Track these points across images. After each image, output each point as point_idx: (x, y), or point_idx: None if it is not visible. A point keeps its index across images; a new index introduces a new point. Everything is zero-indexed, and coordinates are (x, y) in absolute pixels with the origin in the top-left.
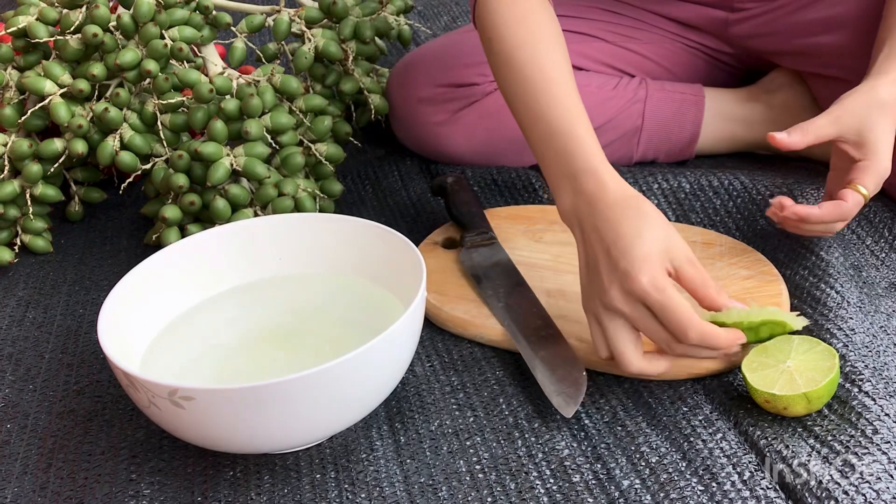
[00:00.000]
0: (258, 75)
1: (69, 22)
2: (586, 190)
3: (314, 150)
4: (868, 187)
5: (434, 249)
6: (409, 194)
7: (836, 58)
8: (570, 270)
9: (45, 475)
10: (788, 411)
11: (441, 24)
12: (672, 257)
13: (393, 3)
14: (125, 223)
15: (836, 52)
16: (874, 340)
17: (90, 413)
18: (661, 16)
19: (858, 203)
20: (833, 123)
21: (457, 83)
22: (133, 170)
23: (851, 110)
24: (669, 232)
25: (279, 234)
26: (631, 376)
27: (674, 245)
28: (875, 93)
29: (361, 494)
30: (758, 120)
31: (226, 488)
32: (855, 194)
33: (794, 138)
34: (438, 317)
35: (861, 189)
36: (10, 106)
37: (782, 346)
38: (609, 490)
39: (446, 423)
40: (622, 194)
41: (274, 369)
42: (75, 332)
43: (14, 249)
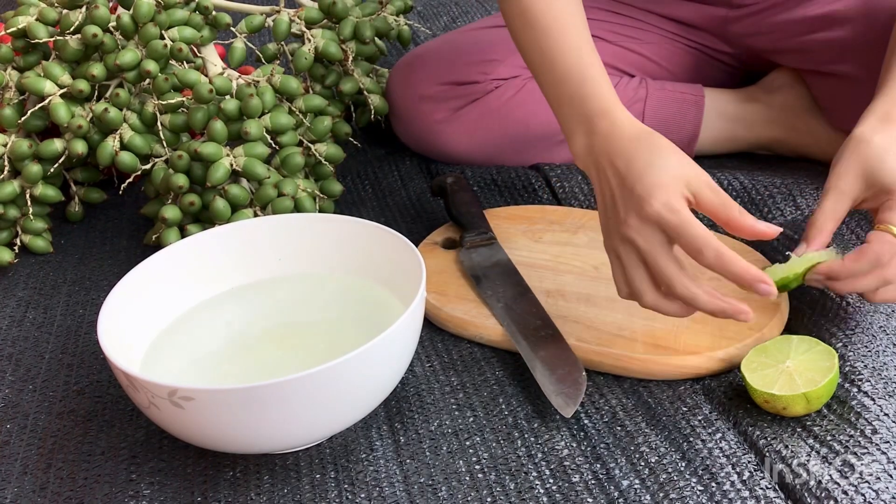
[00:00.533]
0: (258, 76)
1: (69, 22)
2: (600, 129)
3: (314, 150)
4: None
5: (434, 249)
6: (409, 194)
7: (836, 55)
8: (570, 270)
9: (44, 475)
10: (788, 411)
11: (441, 24)
12: (688, 183)
13: (392, 4)
14: (125, 223)
15: (836, 50)
16: (873, 340)
17: (90, 413)
18: (660, 16)
19: (890, 244)
20: (839, 198)
21: (458, 81)
22: (133, 170)
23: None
24: (685, 161)
25: (279, 235)
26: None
27: (691, 172)
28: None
29: (361, 494)
30: (758, 120)
31: (226, 488)
32: (882, 235)
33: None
34: (438, 317)
35: (893, 228)
36: (9, 106)
37: (781, 346)
38: (608, 490)
39: (446, 423)
40: (636, 130)
41: (274, 369)
42: (75, 333)
43: (14, 250)
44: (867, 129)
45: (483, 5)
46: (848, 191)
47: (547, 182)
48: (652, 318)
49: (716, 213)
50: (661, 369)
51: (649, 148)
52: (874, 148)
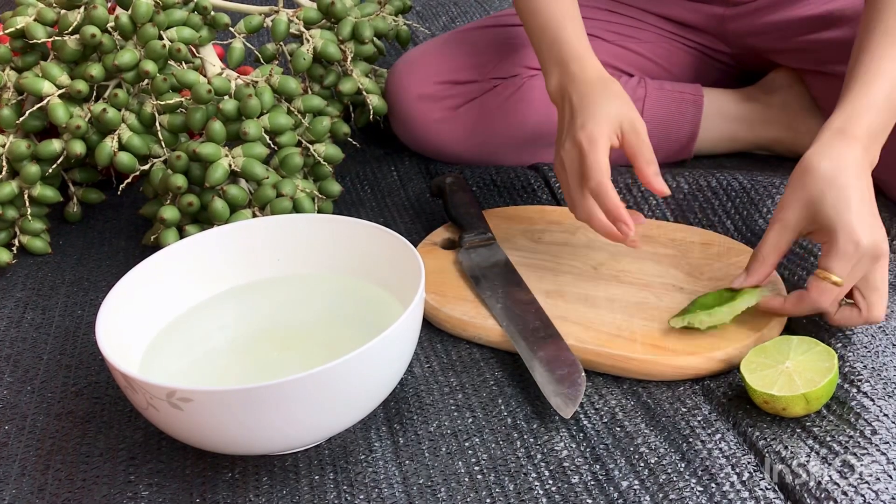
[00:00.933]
0: (257, 76)
1: (67, 23)
2: (571, 72)
3: (313, 150)
4: (837, 271)
5: (433, 250)
6: (408, 195)
7: (835, 55)
8: (569, 271)
9: (43, 477)
10: (787, 412)
11: (439, 24)
12: (621, 123)
13: (391, 4)
14: (123, 224)
15: (835, 49)
16: (873, 341)
17: (88, 414)
18: (659, 16)
19: (827, 292)
20: (782, 231)
21: (456, 80)
22: (131, 170)
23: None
24: (628, 107)
25: (278, 235)
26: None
27: (626, 116)
28: (809, 169)
29: (360, 496)
30: (757, 120)
31: (224, 490)
32: (819, 282)
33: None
34: (437, 317)
35: (831, 277)
36: (8, 107)
37: (781, 346)
38: (608, 491)
39: (445, 424)
40: (598, 76)
41: (272, 370)
42: (73, 334)
43: (12, 250)
44: (816, 152)
45: (482, 5)
46: (791, 224)
47: (546, 182)
48: (651, 320)
49: (632, 152)
50: (660, 370)
51: (602, 91)
52: (818, 180)
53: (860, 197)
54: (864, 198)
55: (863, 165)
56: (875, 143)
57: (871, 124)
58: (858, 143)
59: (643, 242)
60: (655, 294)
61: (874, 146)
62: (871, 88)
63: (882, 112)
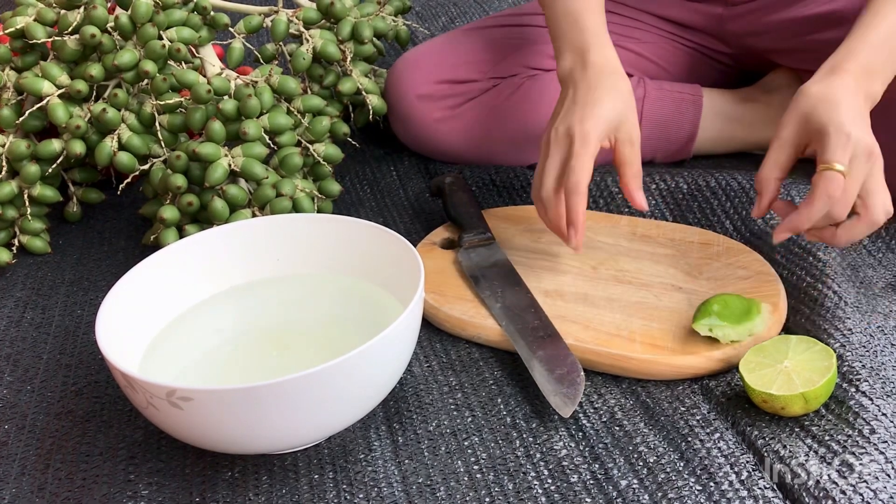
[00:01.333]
0: (256, 76)
1: (67, 23)
2: (587, 60)
3: (312, 150)
4: (838, 159)
5: (432, 250)
6: (408, 194)
7: None
8: (568, 271)
9: (43, 476)
10: (786, 411)
11: (439, 24)
12: (617, 128)
13: (391, 4)
14: (123, 224)
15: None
16: (871, 340)
17: (88, 414)
18: (657, 16)
19: (834, 181)
20: (781, 147)
21: (455, 79)
22: (131, 170)
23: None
24: (628, 112)
25: (277, 235)
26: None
27: (625, 123)
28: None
29: (360, 495)
30: (756, 120)
31: (224, 489)
32: (824, 174)
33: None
34: (436, 317)
35: (834, 165)
36: (8, 107)
37: (780, 346)
38: (607, 490)
39: (444, 424)
40: (609, 69)
41: (272, 369)
42: (73, 333)
43: (12, 250)
44: (810, 82)
45: (481, 6)
46: (789, 140)
47: None
48: (650, 319)
49: (621, 161)
50: (659, 369)
51: (610, 88)
52: (810, 97)
53: (849, 105)
54: (853, 107)
55: (854, 91)
56: (871, 78)
57: (865, 61)
58: (850, 74)
59: (643, 242)
60: (654, 294)
61: (870, 81)
62: (868, 31)
63: (878, 51)
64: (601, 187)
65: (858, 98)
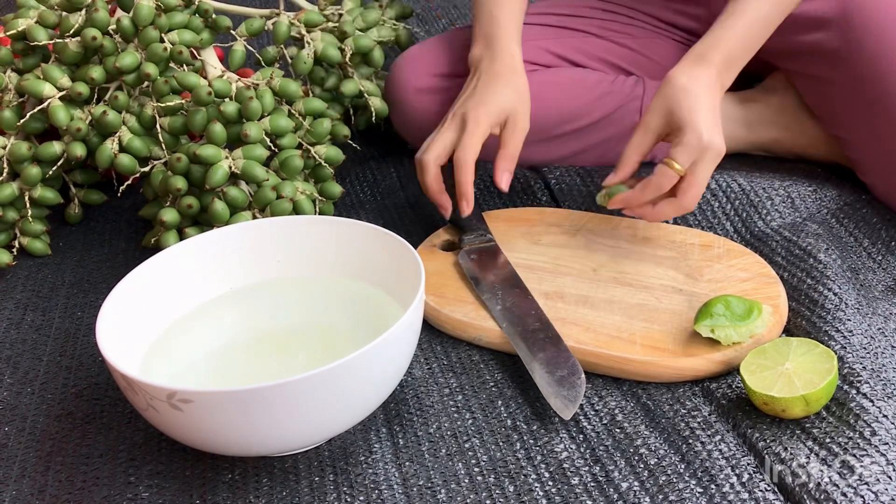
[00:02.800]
0: (258, 78)
1: (68, 25)
2: (491, 51)
3: (313, 152)
4: (680, 160)
5: (433, 252)
6: (408, 197)
7: (818, 58)
8: (569, 273)
9: (43, 478)
10: (787, 413)
11: (439, 27)
12: (508, 116)
13: (392, 9)
14: (124, 226)
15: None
16: (872, 342)
17: (88, 416)
18: (650, 15)
19: (668, 177)
20: (644, 134)
21: (453, 73)
22: (132, 172)
23: (655, 109)
24: (519, 107)
25: (278, 237)
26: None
27: (514, 114)
28: (669, 82)
29: (360, 497)
30: (755, 121)
31: (224, 491)
32: (664, 168)
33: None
34: (437, 319)
35: (675, 164)
36: (9, 108)
37: (781, 348)
38: (608, 492)
39: (445, 426)
40: (510, 66)
41: (272, 372)
42: (73, 335)
43: (12, 252)
44: (677, 70)
45: None
46: (653, 127)
47: (546, 184)
48: (651, 321)
49: (502, 143)
50: (659, 371)
51: (506, 81)
52: (676, 89)
53: (708, 106)
54: (711, 108)
55: (714, 86)
56: (729, 69)
57: (727, 52)
58: (713, 67)
59: (643, 244)
60: (655, 296)
61: (728, 72)
62: (732, 21)
63: (738, 42)
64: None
65: (716, 92)
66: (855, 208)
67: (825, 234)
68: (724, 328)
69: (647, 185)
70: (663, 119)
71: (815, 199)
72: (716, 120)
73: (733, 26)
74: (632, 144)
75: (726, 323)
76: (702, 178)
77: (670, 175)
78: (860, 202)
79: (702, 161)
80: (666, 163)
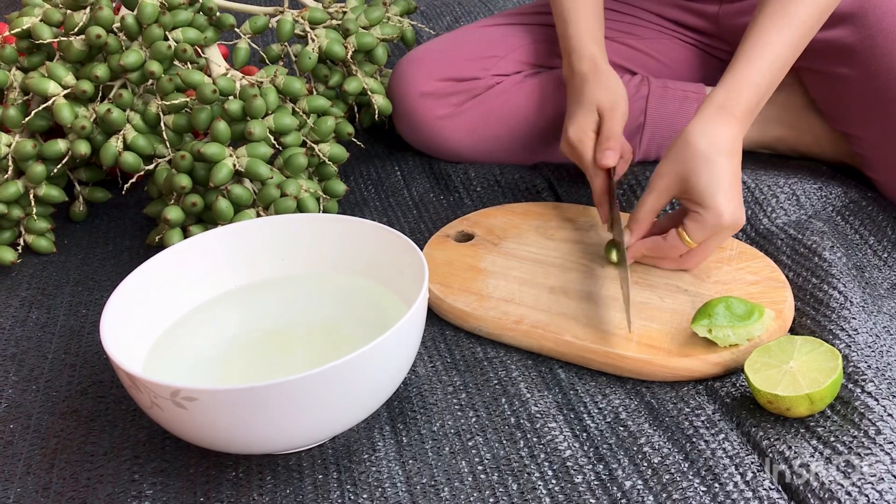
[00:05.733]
0: (261, 76)
1: (73, 23)
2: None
3: (317, 150)
4: (694, 237)
5: (445, 242)
6: (412, 194)
7: (830, 55)
8: (577, 269)
9: (47, 475)
10: (791, 412)
11: (444, 24)
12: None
13: (397, 5)
14: (128, 224)
15: (829, 49)
16: (877, 341)
17: (93, 413)
18: (656, 14)
19: (678, 248)
20: (658, 198)
21: (458, 77)
22: (136, 170)
23: (669, 172)
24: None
25: (282, 235)
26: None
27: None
28: (688, 143)
29: (363, 495)
30: (760, 118)
31: (228, 489)
32: (675, 238)
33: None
34: (440, 308)
35: (686, 238)
36: (14, 107)
37: (785, 346)
38: (611, 491)
39: (448, 424)
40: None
41: (276, 369)
42: (78, 333)
43: (17, 250)
44: (696, 128)
45: (486, 5)
46: (666, 192)
47: (549, 184)
48: (651, 320)
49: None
50: (654, 370)
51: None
52: (695, 155)
53: (731, 175)
54: (734, 176)
55: (737, 143)
56: (750, 117)
57: (749, 100)
58: (736, 121)
59: None
60: (659, 295)
61: (749, 120)
62: (753, 65)
63: (761, 88)
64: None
65: (739, 153)
66: (860, 206)
67: (830, 232)
68: (721, 328)
69: (654, 247)
70: (678, 186)
71: (821, 196)
72: (736, 191)
73: (753, 70)
74: (645, 209)
75: (724, 323)
76: (710, 249)
77: (680, 247)
78: (866, 200)
79: (717, 237)
80: (679, 234)
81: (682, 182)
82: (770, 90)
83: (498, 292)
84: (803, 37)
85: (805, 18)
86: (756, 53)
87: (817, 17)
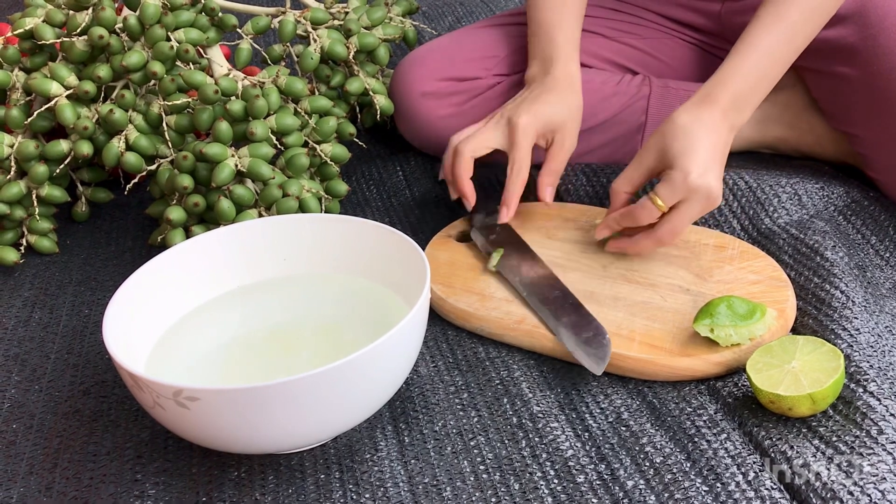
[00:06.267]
0: (264, 77)
1: (75, 24)
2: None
3: (319, 150)
4: (664, 199)
5: (447, 242)
6: (414, 194)
7: (832, 54)
8: (578, 268)
9: (50, 475)
10: (793, 412)
11: (445, 24)
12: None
13: (398, 5)
14: (130, 224)
15: (831, 48)
16: (879, 340)
17: (95, 413)
18: (658, 14)
19: (648, 210)
20: (637, 168)
21: (459, 77)
22: (138, 171)
23: (651, 145)
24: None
25: (284, 235)
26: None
27: (563, 129)
28: (670, 120)
29: (366, 495)
30: (762, 118)
31: (230, 488)
32: (645, 201)
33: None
34: (442, 308)
35: (657, 200)
36: (16, 107)
37: (787, 346)
38: (613, 490)
39: (450, 424)
40: (567, 83)
41: (278, 369)
42: (81, 333)
43: (20, 250)
44: (681, 109)
45: (487, 5)
46: (645, 163)
47: None
48: (652, 319)
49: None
50: (655, 370)
51: (559, 94)
52: (675, 127)
53: (706, 146)
54: (710, 148)
55: (719, 126)
56: (739, 108)
57: (735, 91)
58: (718, 106)
59: None
60: (661, 294)
61: (737, 112)
62: (742, 58)
63: (748, 81)
64: None
65: (721, 133)
66: (862, 206)
67: (832, 232)
68: (723, 328)
69: (625, 214)
70: (657, 155)
71: (823, 196)
72: (712, 162)
73: (741, 64)
74: (622, 178)
75: (726, 322)
76: (683, 218)
77: (650, 209)
78: (868, 199)
79: (687, 202)
80: (650, 197)
81: (659, 152)
82: (762, 82)
83: (500, 292)
84: (797, 34)
85: (797, 18)
86: (745, 49)
87: (808, 13)
